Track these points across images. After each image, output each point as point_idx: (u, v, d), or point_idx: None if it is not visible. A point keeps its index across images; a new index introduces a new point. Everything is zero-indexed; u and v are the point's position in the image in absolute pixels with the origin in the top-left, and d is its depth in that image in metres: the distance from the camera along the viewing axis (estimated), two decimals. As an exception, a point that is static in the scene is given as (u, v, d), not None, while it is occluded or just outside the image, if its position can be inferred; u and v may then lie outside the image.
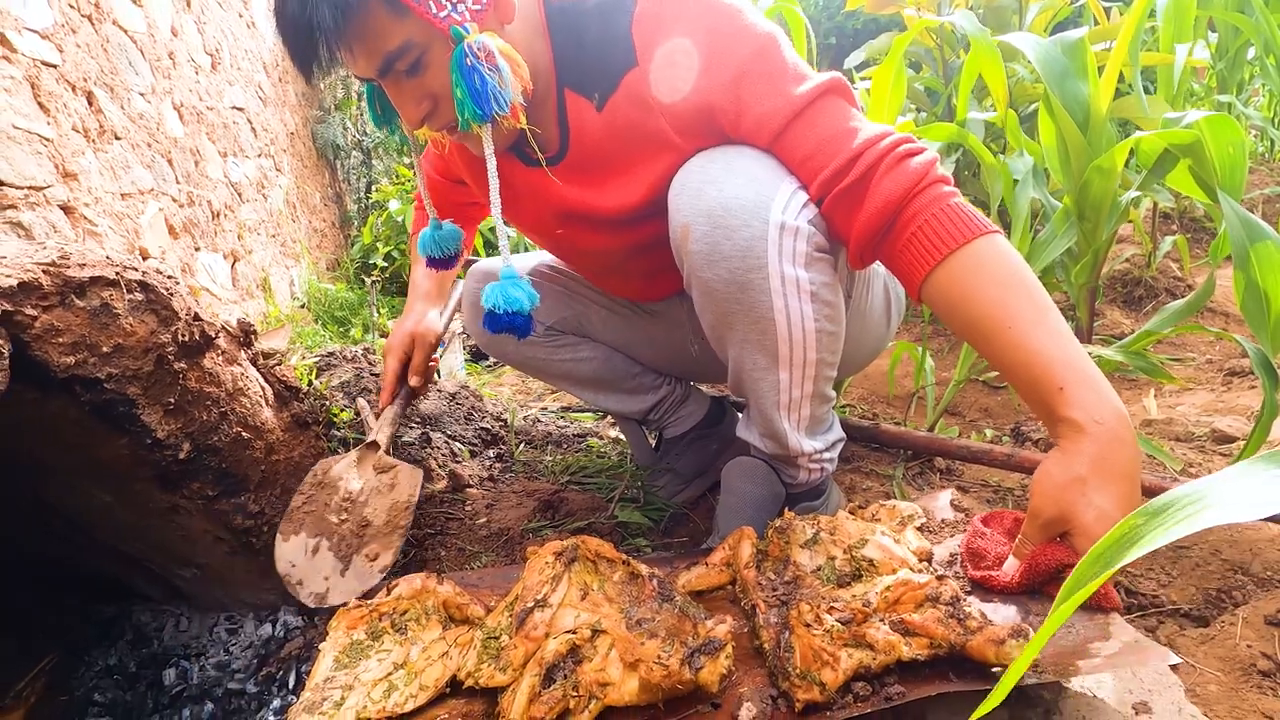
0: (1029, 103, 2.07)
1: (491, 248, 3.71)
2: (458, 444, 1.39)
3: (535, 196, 1.04)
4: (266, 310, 3.44)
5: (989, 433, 1.56)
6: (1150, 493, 1.09)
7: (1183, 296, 2.47)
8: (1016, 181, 1.34)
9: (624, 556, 0.83)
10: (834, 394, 1.01)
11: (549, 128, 0.97)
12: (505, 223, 0.93)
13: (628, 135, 0.92)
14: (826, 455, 1.03)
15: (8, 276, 0.80)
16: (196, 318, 1.00)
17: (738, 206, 0.82)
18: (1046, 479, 0.71)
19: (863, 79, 2.31)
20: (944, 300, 0.80)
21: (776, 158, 0.87)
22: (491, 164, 0.86)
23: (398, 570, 1.11)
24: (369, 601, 0.75)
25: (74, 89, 2.11)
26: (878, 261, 0.90)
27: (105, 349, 0.89)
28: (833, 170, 0.83)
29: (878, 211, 0.81)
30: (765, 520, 0.92)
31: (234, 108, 3.53)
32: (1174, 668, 0.90)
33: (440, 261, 1.11)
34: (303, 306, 3.95)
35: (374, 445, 1.13)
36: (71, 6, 2.14)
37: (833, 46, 6.32)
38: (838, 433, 1.06)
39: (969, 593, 0.75)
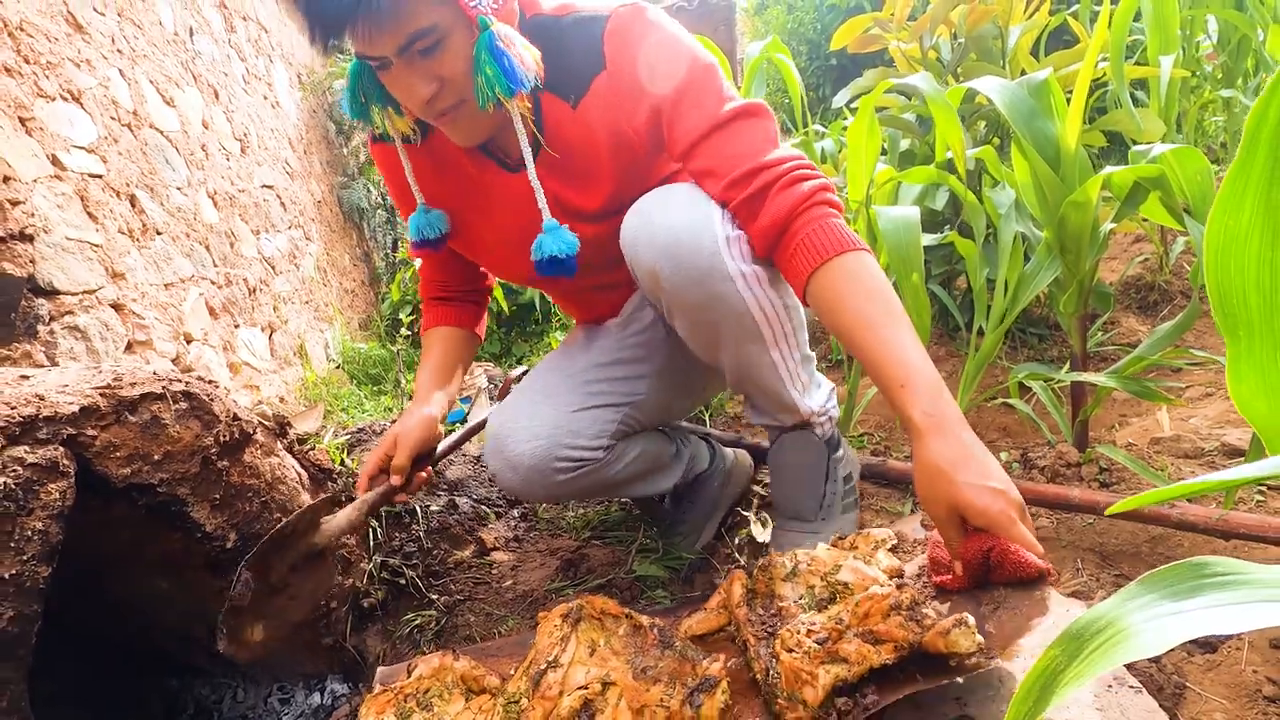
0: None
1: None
2: (484, 507, 1.47)
3: (511, 200, 1.11)
4: (304, 376, 3.59)
5: (1003, 455, 1.57)
6: (1155, 519, 1.10)
7: (1200, 299, 2.41)
8: (1000, 215, 1.37)
9: (626, 611, 0.89)
10: (813, 353, 1.15)
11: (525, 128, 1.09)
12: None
13: (596, 133, 1.04)
14: (830, 405, 1.18)
15: (70, 403, 0.90)
16: (235, 418, 1.10)
17: (687, 236, 0.97)
18: (919, 486, 0.82)
19: (851, 109, 2.37)
20: (821, 302, 0.93)
21: (697, 185, 1.01)
22: (520, 130, 0.99)
23: (430, 635, 1.18)
24: (393, 684, 0.82)
25: (118, 194, 2.29)
26: None
27: (156, 456, 0.98)
28: (734, 179, 0.97)
29: (772, 222, 0.95)
30: (818, 484, 1.11)
31: (264, 186, 3.74)
32: (1180, 692, 0.91)
33: (430, 243, 1.15)
34: (338, 367, 4.11)
35: (329, 502, 1.03)
36: (113, 119, 2.34)
37: (835, 67, 6.35)
38: (827, 383, 1.20)
39: (934, 598, 0.83)
